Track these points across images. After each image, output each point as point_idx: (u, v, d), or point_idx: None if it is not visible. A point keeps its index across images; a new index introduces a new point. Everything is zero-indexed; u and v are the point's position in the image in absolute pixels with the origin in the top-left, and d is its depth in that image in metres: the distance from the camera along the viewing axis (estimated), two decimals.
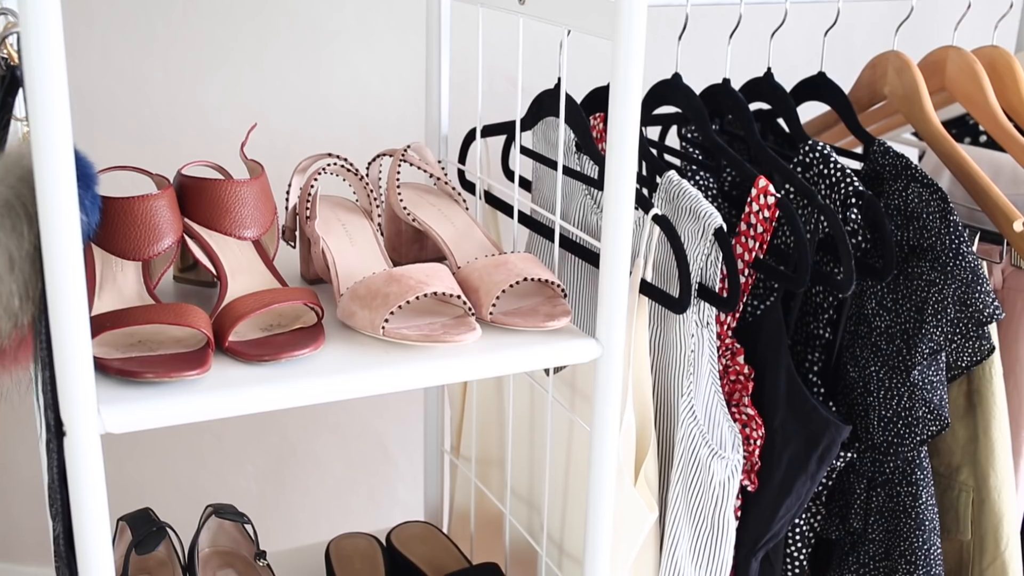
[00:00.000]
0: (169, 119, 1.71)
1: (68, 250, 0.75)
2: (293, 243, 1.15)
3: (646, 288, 1.09)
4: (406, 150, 1.20)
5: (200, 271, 1.11)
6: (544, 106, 1.24)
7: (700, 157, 1.29)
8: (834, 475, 1.24)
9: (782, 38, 1.35)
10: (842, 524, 1.26)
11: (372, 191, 1.15)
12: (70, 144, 0.74)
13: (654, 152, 1.23)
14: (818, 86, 1.35)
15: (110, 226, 0.96)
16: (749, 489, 1.15)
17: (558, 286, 1.06)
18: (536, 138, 1.30)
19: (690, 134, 1.34)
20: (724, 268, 1.07)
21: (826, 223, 1.12)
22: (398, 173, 1.19)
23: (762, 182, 1.12)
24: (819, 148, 1.18)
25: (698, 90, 1.26)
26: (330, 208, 1.16)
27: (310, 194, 1.10)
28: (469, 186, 1.34)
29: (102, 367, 0.87)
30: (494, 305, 1.02)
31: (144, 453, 1.91)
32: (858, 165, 1.28)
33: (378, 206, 1.15)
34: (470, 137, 1.33)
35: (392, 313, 0.97)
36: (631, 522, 1.11)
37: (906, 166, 1.19)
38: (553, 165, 1.24)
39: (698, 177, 1.20)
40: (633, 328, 1.08)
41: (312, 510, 2.01)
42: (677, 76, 1.26)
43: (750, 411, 1.14)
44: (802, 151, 1.19)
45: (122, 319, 0.91)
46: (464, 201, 1.21)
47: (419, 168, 1.21)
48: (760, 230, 1.13)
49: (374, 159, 1.23)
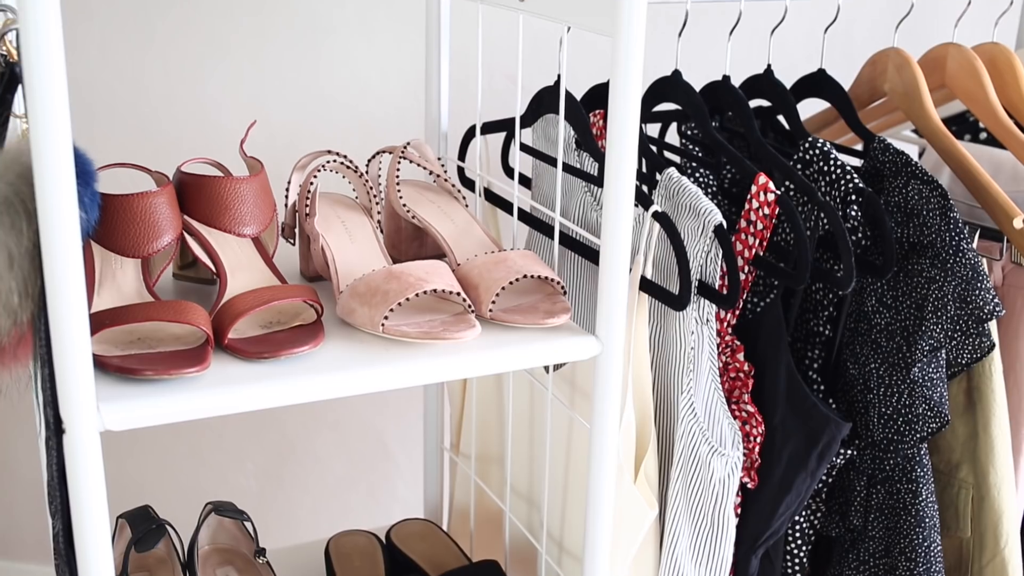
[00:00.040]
0: (168, 116, 1.71)
1: (67, 247, 0.75)
2: (292, 240, 1.15)
3: (646, 285, 1.09)
4: (406, 147, 1.20)
5: (199, 268, 1.11)
6: (544, 103, 1.24)
7: (700, 154, 1.29)
8: (834, 472, 1.24)
9: (782, 35, 1.35)
10: (842, 521, 1.26)
11: (372, 188, 1.15)
12: (69, 141, 0.74)
13: (654, 149, 1.23)
14: (818, 83, 1.35)
15: (109, 223, 0.96)
16: (749, 486, 1.15)
17: (558, 283, 1.06)
18: (536, 135, 1.30)
19: (690, 131, 1.34)
20: (724, 265, 1.07)
21: (826, 220, 1.12)
22: (398, 170, 1.19)
23: (762, 179, 1.12)
24: (819, 145, 1.18)
25: (698, 87, 1.26)
26: (330, 205, 1.16)
27: (309, 191, 1.10)
28: (469, 183, 1.34)
29: (101, 364, 0.87)
30: (494, 302, 1.02)
31: (143, 450, 1.91)
32: (858, 162, 1.28)
33: (378, 203, 1.15)
34: (470, 134, 1.33)
35: (392, 310, 0.97)
36: (631, 519, 1.11)
37: (906, 163, 1.19)
38: (553, 162, 1.24)
39: (698, 174, 1.20)
40: (633, 325, 1.08)
41: (312, 507, 2.01)
42: (677, 73, 1.26)
43: (750, 408, 1.14)
44: (802, 148, 1.19)
45: (121, 316, 0.91)
46: (464, 198, 1.21)
47: (419, 165, 1.20)
48: (760, 227, 1.12)
49: (374, 156, 1.23)
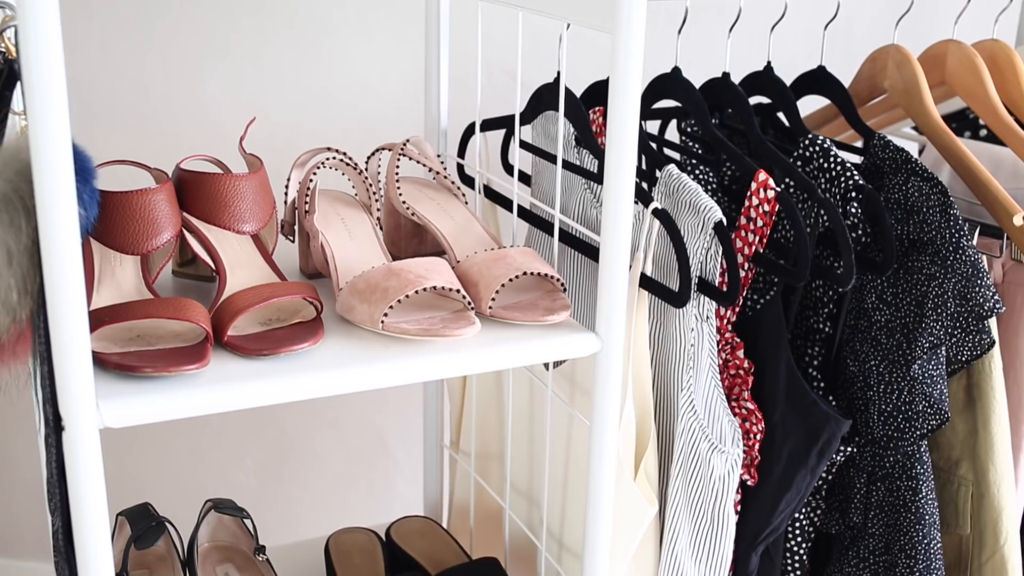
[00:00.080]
0: (168, 114, 1.71)
1: (66, 244, 0.75)
2: (292, 237, 1.15)
3: (646, 282, 1.09)
4: (405, 144, 1.20)
5: (199, 265, 1.11)
6: (543, 100, 1.24)
7: (700, 151, 1.29)
8: (834, 469, 1.24)
9: (782, 32, 1.34)
10: (842, 518, 1.26)
11: (371, 185, 1.15)
12: (68, 138, 0.74)
13: (654, 146, 1.23)
14: (818, 80, 1.35)
15: (108, 220, 0.96)
16: (749, 483, 1.15)
17: (558, 280, 1.06)
18: (535, 132, 1.30)
19: (690, 128, 1.34)
20: (724, 262, 1.07)
21: (826, 217, 1.12)
22: (397, 167, 1.18)
23: (762, 176, 1.12)
24: (819, 142, 1.18)
25: (698, 84, 1.26)
26: (329, 202, 1.15)
27: (309, 188, 1.10)
28: (468, 180, 1.34)
29: (101, 361, 0.87)
30: (493, 299, 1.02)
31: (143, 448, 1.91)
32: (858, 159, 1.28)
33: (377, 200, 1.15)
34: (469, 131, 1.33)
35: (391, 307, 0.96)
36: (631, 516, 1.11)
37: (906, 160, 1.19)
38: (552, 159, 1.24)
39: (698, 171, 1.20)
40: (633, 322, 1.08)
41: (311, 505, 2.01)
42: (677, 70, 1.26)
43: (750, 405, 1.14)
44: (802, 145, 1.19)
45: (121, 313, 0.91)
46: (463, 195, 1.21)
47: (418, 162, 1.20)
48: (760, 224, 1.12)
49: (373, 153, 1.23)
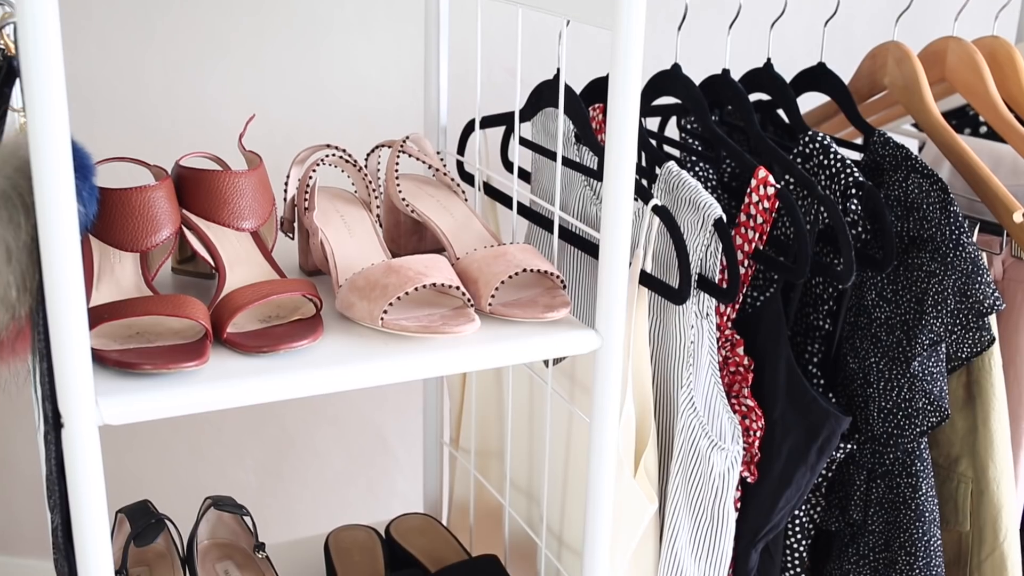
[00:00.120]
0: (168, 111, 1.71)
1: (65, 241, 0.75)
2: (291, 234, 1.15)
3: (646, 279, 1.09)
4: (405, 141, 1.20)
5: (198, 262, 1.11)
6: (543, 97, 1.24)
7: (700, 148, 1.29)
8: (834, 466, 1.24)
9: (782, 28, 1.34)
10: (842, 515, 1.26)
11: (371, 182, 1.15)
12: (67, 135, 0.73)
13: (653, 143, 1.23)
14: (818, 76, 1.35)
15: (108, 217, 0.96)
16: (749, 480, 1.15)
17: (557, 277, 1.06)
18: (535, 129, 1.29)
19: (689, 125, 1.33)
20: (724, 259, 1.07)
21: (826, 214, 1.12)
22: (397, 164, 1.18)
23: (762, 173, 1.11)
24: (819, 139, 1.18)
25: (698, 81, 1.26)
26: (329, 199, 1.15)
27: (308, 185, 1.10)
28: (468, 177, 1.34)
29: (100, 358, 0.87)
30: (493, 296, 1.02)
31: (142, 445, 1.91)
32: (858, 156, 1.28)
33: (377, 197, 1.15)
34: (469, 128, 1.33)
35: (391, 304, 0.96)
36: (631, 514, 1.11)
37: (906, 157, 1.19)
38: (552, 156, 1.24)
39: (698, 168, 1.20)
40: (633, 319, 1.08)
41: (311, 502, 2.01)
42: (676, 67, 1.26)
43: (750, 402, 1.14)
44: (802, 142, 1.19)
45: (120, 310, 0.90)
46: (463, 192, 1.21)
47: (418, 159, 1.20)
48: (760, 221, 1.12)
49: (373, 150, 1.23)
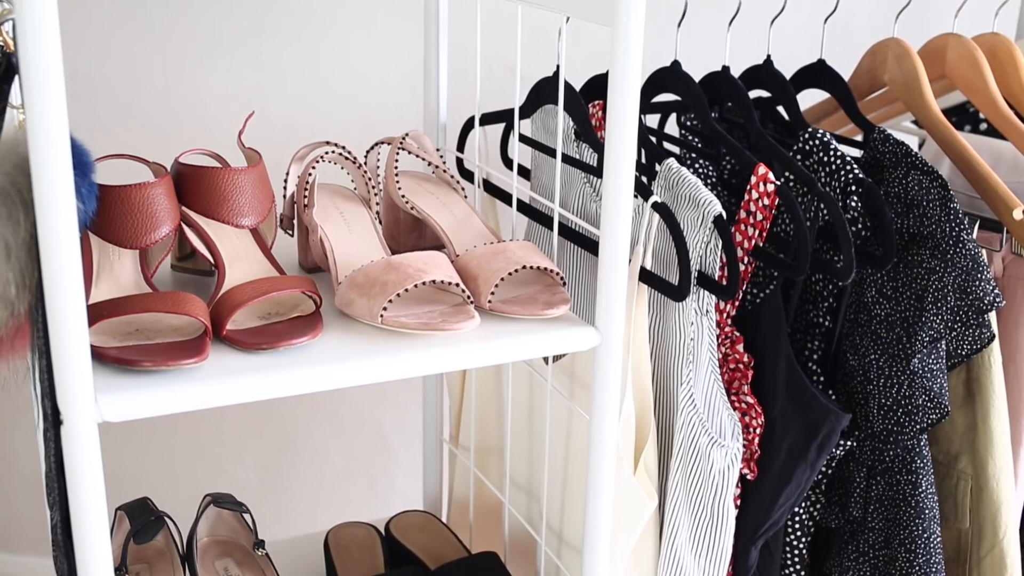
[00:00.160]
0: (168, 108, 1.71)
1: (65, 238, 0.75)
2: (291, 231, 1.15)
3: (645, 276, 1.09)
4: (404, 138, 1.20)
5: (198, 259, 1.10)
6: (543, 94, 1.24)
7: (699, 145, 1.29)
8: (834, 463, 1.24)
9: (781, 25, 1.34)
10: (842, 513, 1.26)
11: (370, 179, 1.15)
12: (66, 132, 0.73)
13: (653, 140, 1.23)
14: (818, 73, 1.35)
15: (107, 214, 0.96)
16: (749, 477, 1.15)
17: (557, 274, 1.06)
18: (535, 126, 1.29)
19: (689, 122, 1.33)
20: (723, 256, 1.07)
21: (826, 211, 1.12)
22: (396, 161, 1.18)
23: (761, 169, 1.11)
24: (819, 136, 1.18)
25: (697, 78, 1.26)
26: (328, 196, 1.15)
27: (308, 182, 1.10)
28: (468, 174, 1.34)
29: (99, 355, 0.87)
30: (493, 293, 1.02)
31: (142, 443, 1.91)
32: (858, 153, 1.28)
33: (376, 194, 1.15)
34: (469, 125, 1.33)
35: (390, 301, 0.96)
36: (630, 511, 1.11)
37: (906, 154, 1.19)
38: (552, 153, 1.24)
39: (697, 165, 1.19)
40: (632, 316, 1.08)
41: (311, 499, 2.01)
42: (676, 63, 1.26)
43: (750, 399, 1.14)
44: (802, 139, 1.19)
45: (119, 307, 0.90)
46: (463, 189, 1.21)
47: (417, 156, 1.20)
48: (760, 218, 1.12)
49: (372, 147, 1.23)
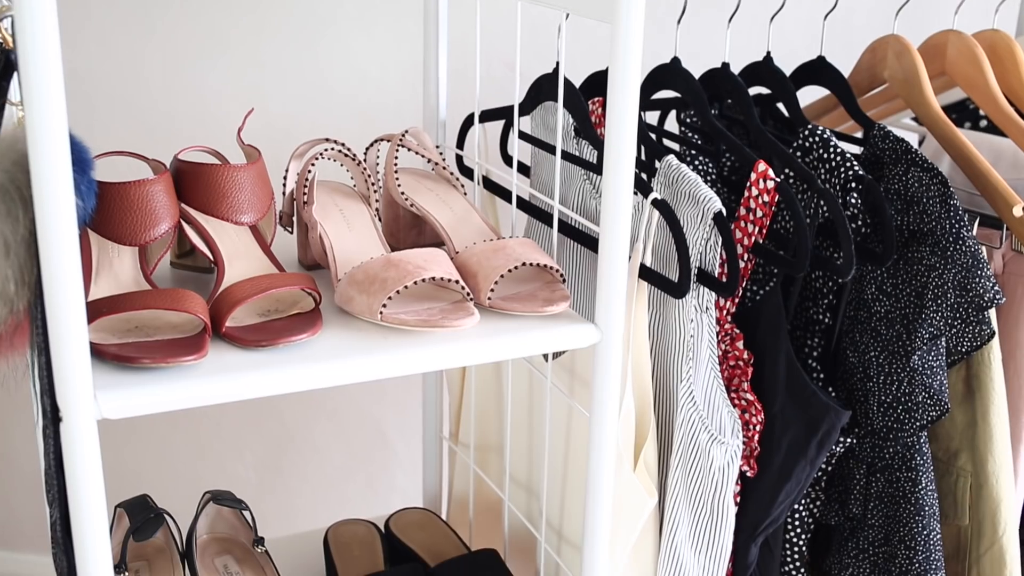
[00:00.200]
0: (167, 105, 1.70)
1: (64, 235, 0.75)
2: (290, 228, 1.15)
3: (645, 273, 1.09)
4: (404, 135, 1.19)
5: (197, 257, 1.10)
6: (542, 91, 1.24)
7: (699, 142, 1.29)
8: (833, 460, 1.24)
9: (781, 22, 1.34)
10: (841, 510, 1.26)
11: (370, 176, 1.15)
12: (65, 129, 0.73)
13: (653, 137, 1.23)
14: (817, 70, 1.35)
15: (106, 211, 0.96)
16: (748, 474, 1.15)
17: (557, 271, 1.06)
18: (534, 123, 1.29)
19: (689, 119, 1.33)
20: (723, 253, 1.07)
21: (826, 207, 1.12)
22: (396, 158, 1.18)
23: (761, 166, 1.11)
24: (819, 132, 1.18)
25: (697, 75, 1.26)
26: (328, 193, 1.15)
27: (307, 179, 1.10)
28: (467, 171, 1.34)
29: (98, 353, 0.87)
30: (492, 290, 1.02)
31: (141, 440, 1.91)
32: (858, 150, 1.27)
33: (376, 191, 1.15)
34: (468, 122, 1.33)
35: (390, 298, 0.96)
36: (630, 508, 1.11)
37: (906, 150, 1.19)
38: (552, 150, 1.24)
39: (697, 162, 1.19)
40: (632, 313, 1.08)
41: (310, 497, 2.01)
42: (676, 60, 1.26)
43: (749, 396, 1.14)
44: (801, 135, 1.19)
45: (119, 304, 0.90)
46: (462, 186, 1.21)
47: (417, 153, 1.20)
48: (759, 215, 1.12)
49: (372, 144, 1.23)
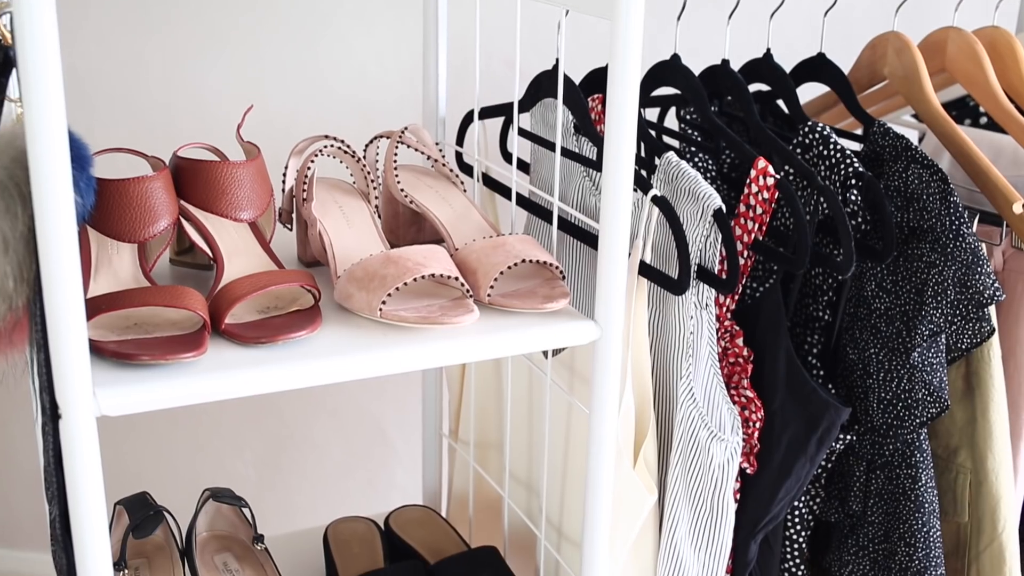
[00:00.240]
0: (167, 102, 1.70)
1: (63, 232, 0.75)
2: (290, 225, 1.15)
3: (645, 270, 1.09)
4: (403, 132, 1.19)
5: (196, 253, 1.10)
6: (542, 88, 1.24)
7: (699, 139, 1.29)
8: (833, 457, 1.24)
9: (781, 19, 1.34)
10: (841, 507, 1.26)
11: (369, 173, 1.15)
12: (64, 125, 0.73)
13: (653, 133, 1.23)
14: (817, 67, 1.35)
15: (105, 208, 0.96)
16: (748, 471, 1.15)
17: (556, 268, 1.06)
18: (534, 120, 1.29)
19: (689, 115, 1.33)
20: (723, 250, 1.07)
21: (826, 204, 1.11)
22: (395, 155, 1.18)
23: (761, 163, 1.11)
24: (819, 129, 1.18)
25: (697, 71, 1.25)
26: (327, 190, 1.15)
27: (307, 176, 1.10)
28: (467, 168, 1.34)
29: (97, 350, 0.87)
30: (492, 287, 1.02)
31: (141, 437, 1.91)
32: (858, 146, 1.27)
33: (375, 188, 1.15)
34: (468, 119, 1.33)
35: (389, 295, 0.96)
36: (630, 505, 1.11)
37: (906, 147, 1.19)
38: (551, 147, 1.23)
39: (697, 159, 1.19)
40: (632, 310, 1.08)
41: (310, 494, 2.01)
42: (676, 57, 1.26)
43: (749, 393, 1.14)
44: (801, 132, 1.19)
45: (118, 301, 0.90)
46: (462, 183, 1.21)
47: (416, 150, 1.20)
48: (759, 211, 1.12)
49: (371, 141, 1.23)
